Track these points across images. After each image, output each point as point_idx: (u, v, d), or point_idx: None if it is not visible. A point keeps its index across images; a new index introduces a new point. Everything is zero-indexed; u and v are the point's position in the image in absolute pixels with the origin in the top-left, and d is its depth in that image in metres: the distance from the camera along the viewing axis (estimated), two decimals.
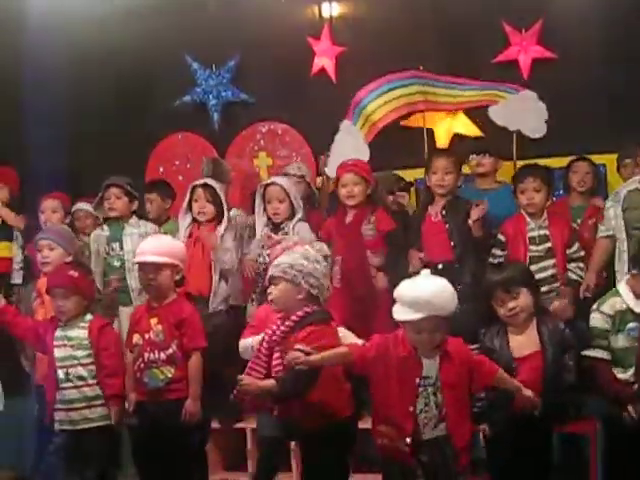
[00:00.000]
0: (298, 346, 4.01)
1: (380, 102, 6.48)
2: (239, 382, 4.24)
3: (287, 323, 4.30)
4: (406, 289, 3.98)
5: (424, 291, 3.92)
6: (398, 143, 6.61)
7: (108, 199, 6.21)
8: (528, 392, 4.02)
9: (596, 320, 4.33)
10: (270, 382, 4.22)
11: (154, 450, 4.98)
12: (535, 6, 6.65)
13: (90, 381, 5.15)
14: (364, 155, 6.14)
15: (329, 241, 5.51)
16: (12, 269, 6.54)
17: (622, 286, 4.36)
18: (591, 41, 6.49)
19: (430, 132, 6.68)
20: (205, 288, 5.86)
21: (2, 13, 7.68)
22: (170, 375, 4.94)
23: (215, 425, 5.51)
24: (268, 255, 5.31)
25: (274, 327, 4.35)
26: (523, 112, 6.02)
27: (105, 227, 6.24)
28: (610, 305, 4.33)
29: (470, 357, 4.05)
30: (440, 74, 6.43)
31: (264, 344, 4.35)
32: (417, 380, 3.92)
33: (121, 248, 6.09)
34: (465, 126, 6.81)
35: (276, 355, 4.30)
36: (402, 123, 6.61)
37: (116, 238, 6.16)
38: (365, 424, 4.46)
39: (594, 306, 4.44)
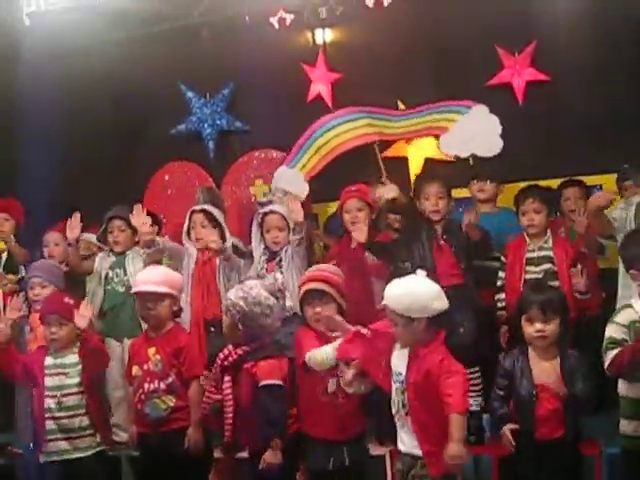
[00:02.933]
0: None
1: (329, 136, 6.72)
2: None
3: (238, 351, 4.64)
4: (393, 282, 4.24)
5: (399, 288, 4.16)
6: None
7: (111, 232, 6.27)
8: (455, 450, 3.93)
9: (612, 330, 4.28)
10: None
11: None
12: (527, 29, 6.64)
13: (81, 410, 5.16)
14: (302, 190, 6.44)
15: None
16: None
17: (635, 298, 4.31)
18: (585, 63, 6.47)
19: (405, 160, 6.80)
20: (217, 310, 5.79)
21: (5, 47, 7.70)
22: (172, 404, 4.96)
23: (217, 454, 5.42)
24: None
25: (226, 352, 4.67)
26: (473, 133, 6.06)
27: (110, 254, 6.27)
28: (624, 317, 4.29)
29: (440, 375, 4.03)
30: (386, 108, 6.71)
31: (217, 367, 4.68)
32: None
33: (125, 274, 6.09)
34: (434, 151, 6.75)
35: (227, 378, 4.63)
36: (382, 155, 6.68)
37: (120, 264, 6.19)
38: None
39: (610, 318, 4.39)
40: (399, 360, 4.21)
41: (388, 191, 6.14)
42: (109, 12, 7.46)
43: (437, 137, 6.53)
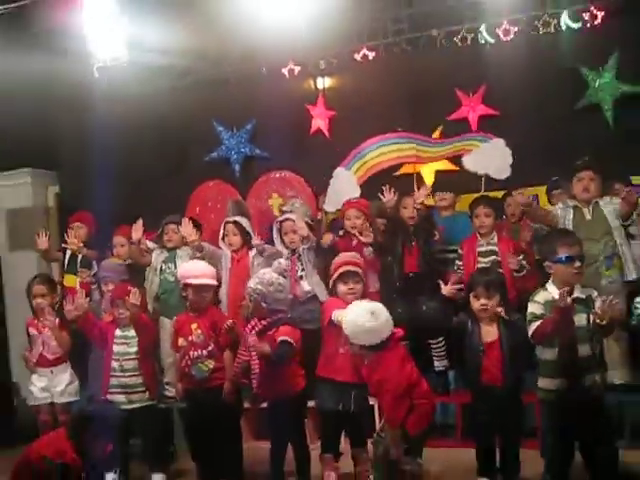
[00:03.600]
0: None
1: (378, 152, 6.67)
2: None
3: (262, 322, 4.72)
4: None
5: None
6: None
7: (167, 233, 6.28)
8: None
9: (533, 307, 4.25)
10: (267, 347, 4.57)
11: (202, 426, 5.04)
12: (479, 75, 6.66)
13: (136, 372, 5.28)
14: (355, 192, 6.29)
15: None
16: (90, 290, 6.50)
17: (549, 283, 4.31)
18: (525, 100, 6.46)
19: (419, 175, 6.71)
20: None
21: (76, 93, 7.74)
22: (211, 366, 5.02)
23: (246, 405, 5.53)
24: None
25: (253, 323, 4.77)
26: (490, 158, 6.06)
27: (164, 250, 6.29)
28: (541, 297, 4.28)
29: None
30: (426, 135, 6.65)
31: (246, 335, 4.75)
32: None
33: (175, 267, 6.09)
34: (444, 164, 6.75)
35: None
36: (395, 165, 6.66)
37: (171, 259, 6.20)
38: None
39: (530, 298, 4.38)
40: None
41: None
42: (159, 66, 7.54)
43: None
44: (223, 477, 4.98)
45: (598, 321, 4.08)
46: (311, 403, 5.11)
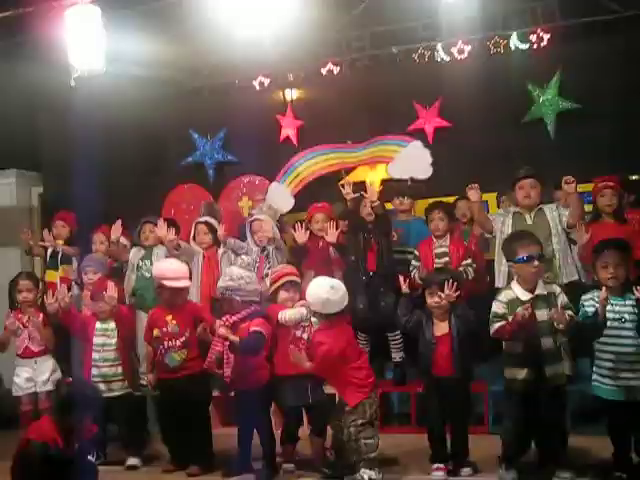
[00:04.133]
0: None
1: (308, 164, 6.83)
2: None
3: (237, 316, 4.67)
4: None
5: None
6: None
7: (144, 232, 6.21)
8: None
9: (496, 306, 4.26)
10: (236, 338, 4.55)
11: (172, 413, 4.98)
12: (435, 90, 6.68)
13: (116, 362, 5.22)
14: (289, 203, 6.46)
15: None
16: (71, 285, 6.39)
17: (514, 283, 4.31)
18: (476, 113, 6.47)
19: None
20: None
21: (58, 101, 7.66)
22: (184, 356, 4.95)
23: (215, 393, 5.48)
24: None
25: (226, 317, 4.69)
26: (413, 161, 6.08)
27: (141, 249, 6.22)
28: (505, 296, 4.28)
29: None
30: (347, 144, 6.76)
31: (220, 328, 4.67)
32: None
33: (151, 264, 5.99)
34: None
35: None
36: (349, 179, 6.51)
37: (148, 257, 6.12)
38: None
39: (495, 297, 4.37)
40: None
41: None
42: (136, 77, 7.49)
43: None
44: (193, 461, 4.91)
45: (556, 325, 4.13)
46: None
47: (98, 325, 5.26)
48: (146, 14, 6.91)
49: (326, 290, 4.36)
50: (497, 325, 4.22)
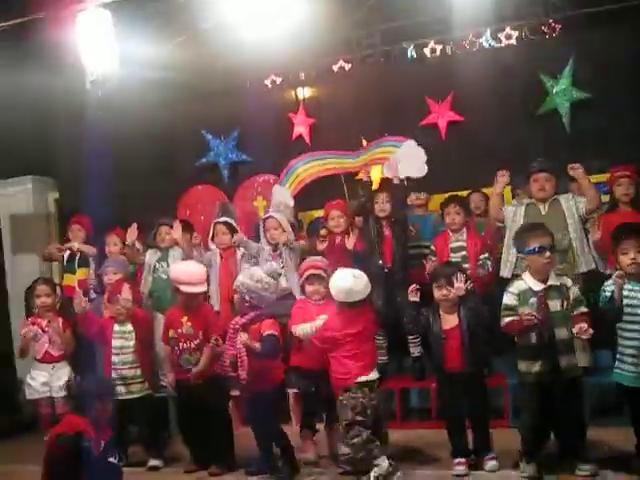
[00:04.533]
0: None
1: (307, 167, 6.89)
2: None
3: (245, 319, 4.66)
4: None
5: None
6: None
7: (159, 234, 6.23)
8: None
9: (506, 298, 4.25)
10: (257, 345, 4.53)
11: (191, 413, 5.00)
12: (447, 85, 6.68)
13: (135, 365, 5.24)
14: (290, 203, 6.39)
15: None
16: (88, 287, 6.42)
17: (525, 273, 4.30)
18: (489, 107, 6.50)
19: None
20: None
21: (72, 105, 7.71)
22: (199, 358, 4.95)
23: (235, 393, 5.49)
24: None
25: (236, 319, 4.71)
26: (407, 160, 6.02)
27: (157, 250, 6.23)
28: (515, 286, 4.27)
29: None
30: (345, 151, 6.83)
31: (231, 330, 4.70)
32: None
33: (167, 266, 6.00)
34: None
35: (239, 336, 4.62)
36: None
37: (164, 259, 6.14)
38: None
39: (506, 288, 4.35)
40: None
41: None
42: (149, 80, 7.45)
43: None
44: (215, 461, 4.93)
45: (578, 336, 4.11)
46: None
47: (116, 328, 5.29)
48: (158, 17, 6.96)
49: (349, 280, 4.36)
50: (507, 320, 4.22)
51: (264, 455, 4.72)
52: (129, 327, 5.29)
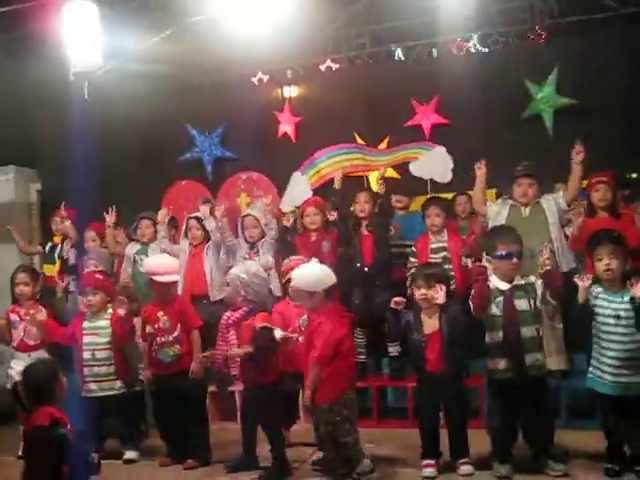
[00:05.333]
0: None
1: (330, 162, 6.80)
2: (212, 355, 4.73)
3: (237, 313, 4.66)
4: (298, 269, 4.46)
5: (301, 271, 4.40)
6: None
7: (140, 228, 6.29)
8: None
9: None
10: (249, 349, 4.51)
11: (169, 408, 5.01)
12: (433, 87, 6.72)
13: (108, 362, 5.17)
14: (307, 196, 6.43)
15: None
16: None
17: (492, 276, 4.32)
18: (474, 110, 6.44)
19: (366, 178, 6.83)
20: (204, 288, 5.98)
21: (56, 96, 7.65)
22: (177, 352, 4.98)
23: (212, 388, 5.50)
24: None
25: (228, 314, 4.71)
26: (435, 164, 6.14)
27: (137, 243, 6.31)
28: None
29: (313, 331, 4.26)
30: (372, 146, 6.79)
31: (223, 325, 4.69)
32: None
33: (147, 257, 6.01)
34: (389, 172, 6.75)
35: (232, 332, 4.67)
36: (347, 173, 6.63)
37: (144, 252, 6.21)
38: None
39: None
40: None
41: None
42: (135, 73, 7.47)
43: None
44: (191, 455, 4.94)
45: (540, 271, 4.14)
46: None
47: (86, 324, 5.23)
48: (145, 10, 6.96)
49: (315, 269, 4.39)
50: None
51: (249, 451, 4.74)
52: (102, 322, 5.22)
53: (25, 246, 6.93)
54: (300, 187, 6.66)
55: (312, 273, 4.36)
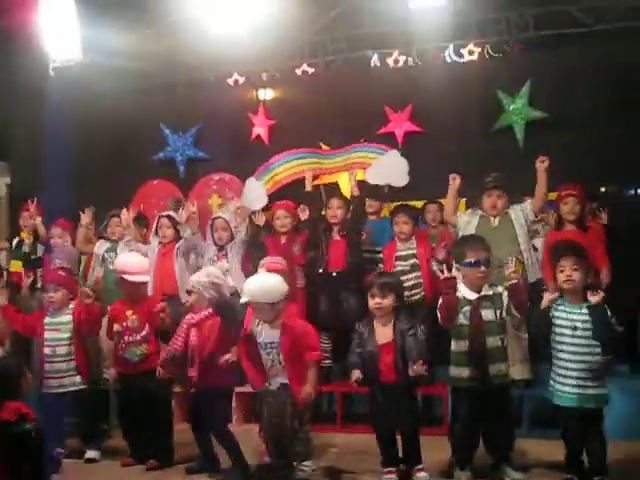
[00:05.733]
0: None
1: (284, 167, 6.82)
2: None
3: (202, 314, 4.65)
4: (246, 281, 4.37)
5: (250, 283, 4.29)
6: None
7: (110, 226, 6.25)
8: (307, 389, 4.21)
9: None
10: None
11: (133, 407, 4.96)
12: (406, 95, 6.79)
13: (68, 357, 5.10)
14: (262, 202, 6.45)
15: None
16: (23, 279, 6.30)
17: (460, 284, 4.33)
18: (446, 119, 6.62)
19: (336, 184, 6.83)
20: (174, 288, 5.92)
21: (30, 90, 7.64)
22: (145, 351, 4.95)
23: (177, 389, 5.47)
24: None
25: (191, 315, 4.70)
26: (390, 169, 6.14)
27: (106, 241, 6.27)
28: None
29: (302, 334, 4.25)
30: (324, 149, 6.82)
31: (184, 326, 4.68)
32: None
33: (116, 255, 5.98)
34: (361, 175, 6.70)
35: (193, 332, 4.64)
36: (316, 182, 6.65)
37: (113, 249, 6.17)
38: None
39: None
40: (269, 332, 4.32)
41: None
42: (111, 69, 7.46)
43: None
44: (154, 455, 4.91)
45: (505, 284, 4.17)
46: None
47: (47, 320, 5.17)
48: (124, 7, 6.93)
49: (270, 279, 4.35)
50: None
51: (207, 454, 4.72)
52: (64, 318, 5.15)
53: None
54: (255, 192, 6.66)
55: (270, 284, 4.31)
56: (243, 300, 4.30)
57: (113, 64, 7.39)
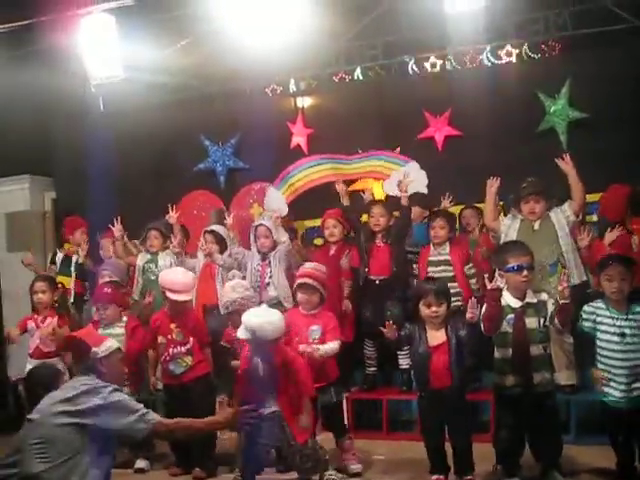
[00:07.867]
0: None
1: (301, 175, 6.93)
2: None
3: None
4: (245, 316, 4.30)
5: (250, 320, 4.25)
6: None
7: (149, 238, 6.34)
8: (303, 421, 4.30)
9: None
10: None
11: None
12: (445, 100, 6.74)
13: None
14: (284, 209, 6.54)
15: None
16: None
17: (504, 291, 4.30)
18: (487, 123, 6.56)
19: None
20: (214, 298, 5.93)
21: (73, 107, 7.82)
22: (190, 363, 5.03)
23: (220, 399, 5.52)
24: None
25: (230, 330, 4.81)
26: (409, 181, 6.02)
27: (147, 253, 6.36)
28: None
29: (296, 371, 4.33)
30: (343, 154, 6.87)
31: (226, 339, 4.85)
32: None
33: (156, 267, 6.14)
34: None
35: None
36: (351, 188, 6.65)
37: (153, 261, 6.26)
38: None
39: None
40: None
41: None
42: (151, 84, 7.58)
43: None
44: (198, 464, 4.98)
45: (560, 301, 4.08)
46: None
47: (100, 331, 5.16)
48: (161, 22, 7.04)
49: (274, 317, 4.33)
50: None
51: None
52: (116, 330, 5.25)
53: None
54: (276, 202, 6.70)
55: (275, 320, 4.30)
56: (242, 336, 4.29)
57: (150, 79, 7.50)
